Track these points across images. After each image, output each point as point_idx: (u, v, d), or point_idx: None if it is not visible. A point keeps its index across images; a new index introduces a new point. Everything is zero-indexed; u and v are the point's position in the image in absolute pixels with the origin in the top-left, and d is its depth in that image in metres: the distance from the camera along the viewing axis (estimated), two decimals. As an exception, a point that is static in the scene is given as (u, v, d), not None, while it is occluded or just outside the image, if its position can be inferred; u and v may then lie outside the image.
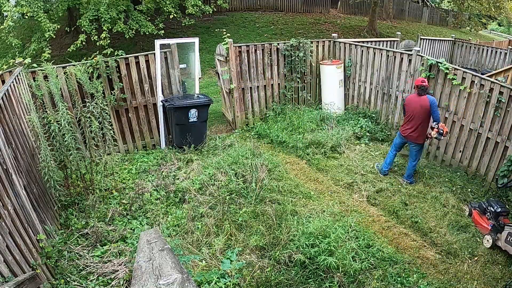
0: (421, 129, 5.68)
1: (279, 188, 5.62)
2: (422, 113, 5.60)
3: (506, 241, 4.37)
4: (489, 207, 4.96)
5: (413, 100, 5.73)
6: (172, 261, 3.10)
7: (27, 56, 10.91)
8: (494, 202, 5.00)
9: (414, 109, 5.65)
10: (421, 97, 5.61)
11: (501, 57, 13.23)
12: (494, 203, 4.99)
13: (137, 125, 7.02)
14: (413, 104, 5.70)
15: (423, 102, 5.57)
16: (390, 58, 7.39)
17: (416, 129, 5.69)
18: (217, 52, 8.43)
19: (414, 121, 5.69)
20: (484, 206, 5.04)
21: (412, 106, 5.70)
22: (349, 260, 4.09)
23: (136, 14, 12.81)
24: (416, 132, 5.71)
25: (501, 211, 4.84)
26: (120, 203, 5.23)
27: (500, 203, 5.03)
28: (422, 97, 5.60)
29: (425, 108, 5.56)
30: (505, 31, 36.95)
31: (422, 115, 5.60)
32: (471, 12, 22.65)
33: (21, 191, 3.57)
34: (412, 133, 5.74)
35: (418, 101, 5.63)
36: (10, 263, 2.88)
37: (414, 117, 5.67)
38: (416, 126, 5.68)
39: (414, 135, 5.74)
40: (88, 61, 6.25)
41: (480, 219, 5.03)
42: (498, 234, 4.54)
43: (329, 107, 8.43)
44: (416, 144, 5.80)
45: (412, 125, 5.72)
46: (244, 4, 21.83)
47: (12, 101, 4.38)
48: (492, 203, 4.97)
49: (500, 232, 4.51)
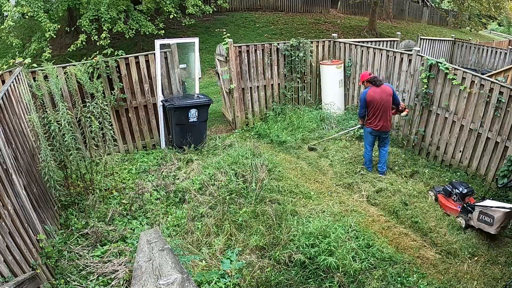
0: (388, 117, 5.94)
1: (279, 188, 5.62)
2: (389, 101, 5.87)
3: (479, 220, 4.58)
4: (454, 189, 5.14)
5: (377, 92, 5.82)
6: (172, 261, 3.10)
7: (27, 56, 10.92)
8: (458, 184, 5.19)
9: (382, 101, 5.81)
10: (381, 87, 5.83)
11: (501, 57, 13.22)
12: (458, 184, 5.19)
13: (137, 125, 7.02)
14: (378, 96, 5.80)
15: (387, 90, 5.83)
16: (390, 58, 7.39)
17: (387, 117, 5.93)
18: (217, 52, 8.44)
19: (385, 111, 5.86)
20: (449, 189, 5.22)
21: (379, 99, 5.81)
22: (349, 260, 4.09)
23: (136, 14, 12.81)
24: (388, 121, 5.99)
25: (467, 191, 5.09)
26: (120, 203, 5.23)
27: (464, 183, 5.26)
28: (382, 86, 5.85)
29: (389, 95, 5.84)
30: (505, 31, 36.94)
31: (387, 103, 5.85)
32: (471, 12, 22.64)
33: (21, 191, 3.57)
34: (386, 123, 5.94)
35: (383, 92, 5.81)
36: (10, 263, 2.88)
37: (384, 108, 5.83)
38: (387, 115, 5.91)
39: (387, 125, 5.98)
40: (88, 61, 6.25)
41: (447, 201, 5.22)
42: (469, 215, 4.75)
43: (329, 107, 8.43)
44: (387, 132, 6.07)
45: (384, 116, 5.88)
46: (244, 4, 21.83)
47: (12, 101, 4.38)
48: (457, 185, 5.17)
49: (471, 213, 4.72)
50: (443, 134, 6.43)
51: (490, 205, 4.51)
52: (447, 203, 5.22)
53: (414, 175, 6.25)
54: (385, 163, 6.21)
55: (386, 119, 5.91)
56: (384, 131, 6.00)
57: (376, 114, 5.88)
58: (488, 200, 4.92)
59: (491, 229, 4.44)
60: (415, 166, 6.48)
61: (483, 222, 4.52)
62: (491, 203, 4.68)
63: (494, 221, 4.39)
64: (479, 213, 4.57)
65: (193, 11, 13.49)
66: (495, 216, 4.38)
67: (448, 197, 5.25)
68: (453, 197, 5.19)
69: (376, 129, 5.97)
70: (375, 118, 5.92)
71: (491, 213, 4.43)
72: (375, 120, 5.93)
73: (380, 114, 5.85)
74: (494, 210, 4.41)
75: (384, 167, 6.20)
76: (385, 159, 6.19)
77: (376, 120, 5.92)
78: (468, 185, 5.22)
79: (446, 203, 5.23)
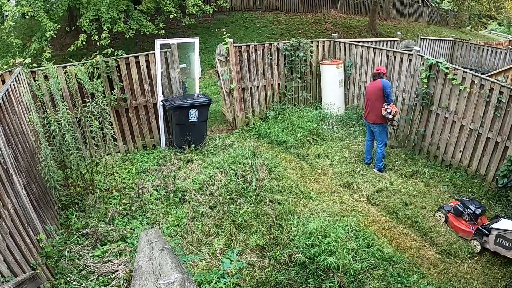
0: (375, 109, 6.15)
1: (279, 188, 5.62)
2: (374, 94, 6.12)
3: (496, 243, 4.29)
4: (466, 209, 4.74)
5: (369, 86, 6.37)
6: (172, 261, 3.11)
7: (27, 56, 10.92)
8: (469, 202, 4.80)
9: (369, 93, 6.26)
10: (375, 81, 6.21)
11: (501, 57, 13.22)
12: (470, 203, 4.80)
13: (137, 125, 7.02)
14: (369, 89, 6.31)
15: (377, 84, 6.14)
16: (390, 58, 7.39)
17: (371, 109, 6.21)
18: (217, 52, 8.43)
19: (369, 103, 6.24)
20: (460, 208, 4.80)
21: (368, 92, 6.31)
22: (349, 260, 4.09)
23: (136, 14, 12.81)
24: (371, 113, 6.23)
25: (481, 211, 4.71)
26: (120, 203, 5.23)
27: (475, 202, 4.86)
28: (376, 81, 6.18)
29: (377, 89, 6.08)
30: (505, 31, 36.94)
31: (374, 96, 6.13)
32: (471, 12, 22.64)
33: (21, 191, 3.57)
34: (369, 114, 6.27)
35: (373, 85, 6.23)
36: (10, 263, 2.88)
37: (369, 100, 6.25)
38: (371, 107, 6.21)
39: (371, 116, 6.25)
40: (88, 61, 6.24)
41: (459, 222, 4.81)
42: (484, 237, 4.43)
43: (329, 107, 8.43)
44: (375, 125, 6.27)
45: (368, 107, 6.29)
46: (244, 4, 21.82)
47: (12, 101, 4.38)
48: (468, 204, 4.78)
49: (487, 236, 4.40)
50: (443, 134, 6.43)
51: (510, 229, 4.21)
52: (458, 224, 4.81)
53: (414, 175, 6.25)
54: (379, 160, 6.29)
55: (370, 111, 6.25)
56: (368, 121, 6.35)
57: (366, 104, 6.41)
58: (504, 220, 4.50)
59: (509, 253, 4.17)
60: (415, 166, 6.48)
61: (501, 246, 4.24)
62: (508, 225, 4.33)
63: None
64: (497, 236, 4.27)
65: (193, 11, 13.48)
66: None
67: (459, 217, 4.85)
68: (465, 217, 4.78)
69: (364, 119, 6.49)
70: (365, 107, 6.47)
71: (510, 237, 4.14)
72: (365, 109, 6.46)
73: (369, 105, 6.29)
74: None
75: (378, 164, 6.32)
76: (378, 156, 6.28)
77: (366, 110, 6.42)
78: (480, 204, 4.87)
79: (458, 224, 4.82)
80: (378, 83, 6.11)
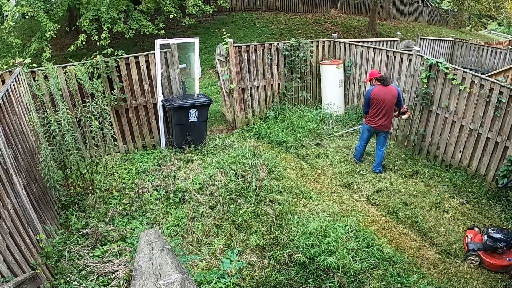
0: (391, 117, 6.06)
1: (279, 188, 5.62)
2: (392, 102, 5.93)
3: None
4: (499, 243, 4.31)
5: (382, 91, 5.91)
6: (172, 261, 3.11)
7: (27, 56, 10.92)
8: (497, 233, 4.37)
9: (385, 100, 5.88)
10: (388, 87, 5.92)
11: (501, 57, 13.22)
12: (498, 233, 4.37)
13: (137, 125, 7.02)
14: (382, 95, 5.89)
15: (393, 91, 5.90)
16: (390, 58, 7.39)
17: (388, 117, 6.00)
18: (217, 52, 8.43)
19: (387, 111, 5.94)
20: (492, 244, 4.33)
21: (382, 98, 5.89)
22: (349, 260, 4.09)
23: (136, 14, 12.80)
24: (388, 121, 6.05)
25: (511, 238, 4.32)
26: (120, 203, 5.23)
27: (500, 229, 4.45)
28: (389, 87, 5.92)
29: (394, 97, 5.90)
30: (505, 31, 36.95)
31: (392, 104, 5.94)
32: (471, 12, 22.66)
33: (21, 191, 3.57)
34: (385, 122, 6.02)
35: (389, 92, 5.89)
36: (10, 263, 2.88)
37: (386, 107, 5.93)
38: (388, 115, 5.99)
39: (387, 124, 6.05)
40: (88, 61, 6.24)
41: (494, 259, 4.33)
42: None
43: (329, 107, 8.43)
44: (387, 132, 6.16)
45: (385, 115, 5.97)
46: (244, 4, 21.83)
47: (12, 101, 4.38)
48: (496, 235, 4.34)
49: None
50: (443, 134, 6.43)
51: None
52: (494, 261, 4.32)
53: (414, 175, 6.25)
54: (380, 164, 6.23)
55: (387, 119, 6.00)
56: (383, 130, 6.09)
57: (377, 112, 5.98)
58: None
59: None
60: (415, 166, 6.48)
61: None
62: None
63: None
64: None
65: (193, 11, 13.48)
66: None
67: (493, 252, 4.38)
68: (498, 251, 4.33)
69: (374, 127, 6.09)
70: (376, 115, 6.02)
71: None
72: (375, 117, 6.04)
73: (382, 113, 5.96)
74: None
75: (378, 168, 6.23)
76: (380, 160, 6.21)
77: (377, 118, 6.02)
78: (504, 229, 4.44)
79: (494, 262, 4.31)
80: (394, 91, 5.90)
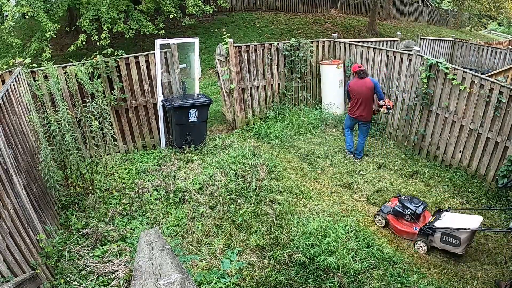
0: (368, 108, 6.40)
1: (279, 188, 5.62)
2: (368, 94, 6.28)
3: (443, 241, 4.26)
4: (406, 209, 4.55)
5: (357, 84, 6.37)
6: (172, 261, 3.11)
7: (27, 56, 10.92)
8: (408, 201, 4.59)
9: (361, 92, 6.30)
10: (363, 80, 6.31)
11: (501, 57, 13.22)
12: (409, 201, 4.60)
13: (137, 125, 7.02)
14: (357, 87, 6.35)
15: (368, 83, 6.27)
16: (390, 58, 7.39)
17: (365, 108, 6.38)
18: (217, 52, 8.44)
19: (362, 102, 6.34)
20: (400, 210, 4.62)
21: (357, 90, 6.34)
22: (349, 260, 4.09)
23: (136, 14, 12.81)
24: (365, 112, 6.40)
25: (422, 209, 4.57)
26: (120, 203, 5.23)
27: (415, 199, 4.65)
28: (365, 79, 6.31)
29: (369, 89, 6.26)
30: (505, 31, 36.95)
31: (366, 95, 6.29)
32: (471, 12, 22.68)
33: (21, 191, 3.57)
34: (363, 113, 6.41)
35: (363, 84, 6.30)
36: (10, 263, 2.88)
37: (362, 99, 6.32)
38: (364, 106, 6.37)
39: (365, 115, 6.43)
40: (88, 61, 6.25)
41: (400, 224, 4.65)
42: (429, 237, 4.37)
43: (329, 107, 8.43)
44: (365, 122, 6.52)
45: (361, 106, 6.37)
46: (244, 4, 21.83)
47: (12, 101, 4.38)
48: (407, 203, 4.57)
49: (432, 235, 4.33)
50: (443, 134, 6.43)
51: (454, 227, 4.20)
52: (400, 226, 4.66)
53: (414, 175, 6.26)
54: (362, 151, 6.70)
55: (363, 110, 6.38)
56: (360, 120, 6.50)
57: (355, 103, 6.45)
58: (447, 214, 4.53)
59: (458, 250, 4.21)
60: (415, 166, 6.48)
61: (448, 244, 4.24)
62: (452, 221, 4.33)
63: (460, 242, 4.14)
64: (442, 234, 4.24)
65: (193, 11, 13.48)
66: (461, 237, 4.13)
67: (400, 218, 4.70)
68: (406, 217, 4.64)
69: (354, 117, 6.54)
70: (354, 107, 6.48)
71: (456, 234, 4.15)
72: (353, 108, 6.49)
73: (358, 104, 6.38)
74: (460, 232, 4.14)
75: (360, 155, 6.71)
76: (361, 148, 6.67)
77: (355, 109, 6.47)
78: (420, 200, 4.66)
79: (399, 227, 4.67)
80: (369, 83, 6.28)
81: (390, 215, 4.78)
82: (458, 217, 4.49)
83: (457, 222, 4.29)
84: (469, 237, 4.17)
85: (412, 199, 4.70)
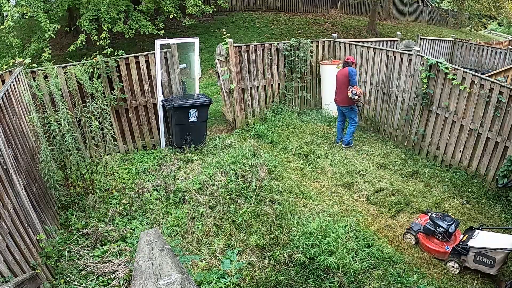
0: (341, 93, 6.93)
1: (279, 188, 5.62)
2: (342, 80, 6.89)
3: (476, 261, 4.05)
4: (438, 228, 4.35)
5: (339, 72, 7.07)
6: (172, 261, 3.11)
7: (27, 56, 10.90)
8: (439, 219, 4.42)
9: (338, 79, 7.00)
10: (343, 69, 6.95)
11: (501, 57, 13.22)
12: (440, 219, 4.41)
13: (137, 125, 7.02)
14: (338, 75, 7.04)
15: (344, 71, 6.90)
16: (390, 58, 7.39)
17: (339, 93, 6.99)
18: (217, 52, 8.43)
19: (337, 87, 7.03)
20: (432, 228, 4.41)
21: (337, 77, 7.05)
22: (349, 260, 4.09)
23: (136, 14, 12.80)
24: (339, 96, 7.00)
25: (455, 228, 4.37)
26: (120, 203, 5.23)
27: (446, 217, 4.46)
28: (344, 68, 6.92)
29: (344, 76, 6.85)
30: (505, 31, 36.92)
31: (342, 81, 6.90)
32: (471, 12, 22.64)
33: (21, 191, 3.57)
34: (337, 98, 7.05)
35: (342, 72, 6.95)
36: (10, 263, 2.88)
37: (337, 85, 7.02)
38: (338, 91, 7.01)
39: (339, 99, 7.02)
40: (88, 61, 6.24)
41: (431, 243, 4.46)
42: (462, 257, 4.16)
43: (329, 107, 8.43)
44: (344, 107, 7.01)
45: (337, 92, 7.04)
46: (244, 4, 21.82)
47: (12, 101, 4.38)
48: (439, 222, 4.38)
49: (466, 255, 4.12)
50: (443, 134, 6.43)
51: (489, 247, 3.98)
52: (431, 245, 4.44)
53: (414, 175, 6.26)
54: (349, 135, 7.08)
55: (338, 95, 7.04)
56: (337, 104, 7.11)
57: (335, 89, 7.11)
58: (480, 233, 4.28)
59: (492, 271, 3.99)
60: (415, 166, 6.48)
61: (482, 264, 4.01)
62: (486, 240, 4.12)
63: (495, 262, 3.93)
64: (476, 254, 4.03)
65: (193, 11, 13.47)
66: (496, 258, 3.91)
67: (431, 236, 4.48)
68: (438, 236, 4.42)
69: (334, 101, 7.20)
70: (335, 92, 7.15)
71: (491, 254, 3.94)
72: (335, 94, 7.16)
73: (337, 90, 7.05)
74: (495, 252, 3.92)
75: (346, 138, 7.10)
76: (348, 131, 7.08)
77: (335, 94, 7.15)
78: (452, 218, 4.46)
79: (430, 246, 4.44)
80: (345, 71, 6.85)
81: (420, 233, 4.54)
82: (492, 236, 4.27)
83: (492, 242, 4.07)
84: (504, 257, 3.96)
85: (444, 216, 4.48)
